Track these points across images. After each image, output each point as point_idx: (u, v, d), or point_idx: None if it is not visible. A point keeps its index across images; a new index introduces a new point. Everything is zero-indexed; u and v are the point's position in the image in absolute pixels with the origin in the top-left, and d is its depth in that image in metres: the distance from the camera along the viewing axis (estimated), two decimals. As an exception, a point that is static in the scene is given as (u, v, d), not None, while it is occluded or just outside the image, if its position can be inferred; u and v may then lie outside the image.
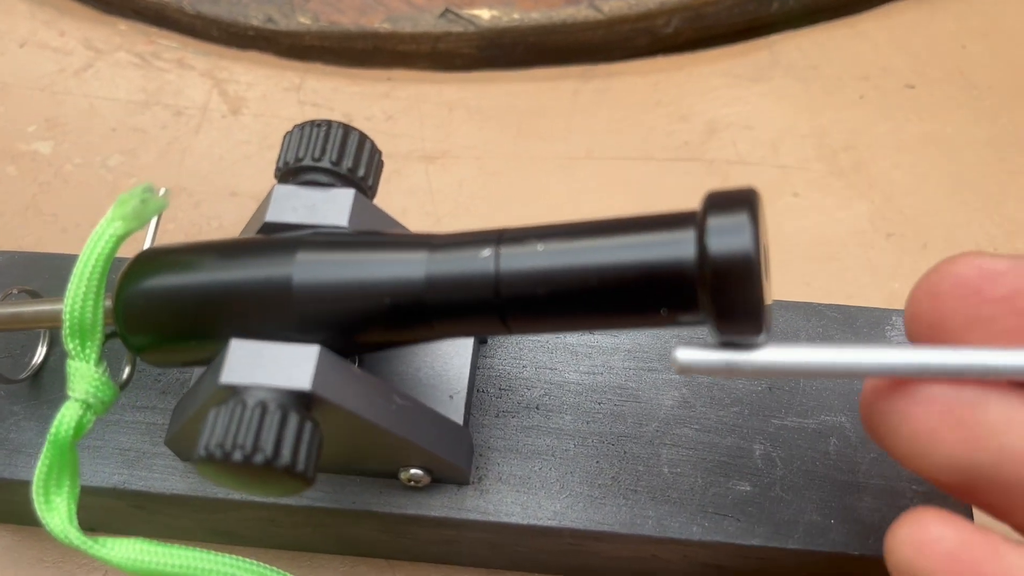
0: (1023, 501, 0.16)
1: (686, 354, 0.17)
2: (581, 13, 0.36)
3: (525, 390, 0.24)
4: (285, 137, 0.22)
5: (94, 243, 0.20)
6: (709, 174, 0.32)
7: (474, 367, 0.24)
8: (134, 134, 0.34)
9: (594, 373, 0.24)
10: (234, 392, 0.18)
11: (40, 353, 0.25)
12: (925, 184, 0.32)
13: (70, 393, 0.20)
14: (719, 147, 0.33)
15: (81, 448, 0.23)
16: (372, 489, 0.23)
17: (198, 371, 0.24)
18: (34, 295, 0.25)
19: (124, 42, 0.37)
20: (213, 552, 0.20)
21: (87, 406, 0.20)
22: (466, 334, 0.20)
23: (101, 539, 0.20)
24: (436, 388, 0.23)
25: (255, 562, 0.21)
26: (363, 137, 0.22)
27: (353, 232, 0.20)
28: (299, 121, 0.35)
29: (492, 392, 0.24)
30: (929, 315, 0.17)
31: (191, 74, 0.36)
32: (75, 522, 0.20)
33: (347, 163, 0.21)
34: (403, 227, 0.22)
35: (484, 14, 0.37)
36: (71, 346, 0.20)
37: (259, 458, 0.17)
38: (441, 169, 0.33)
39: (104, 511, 0.24)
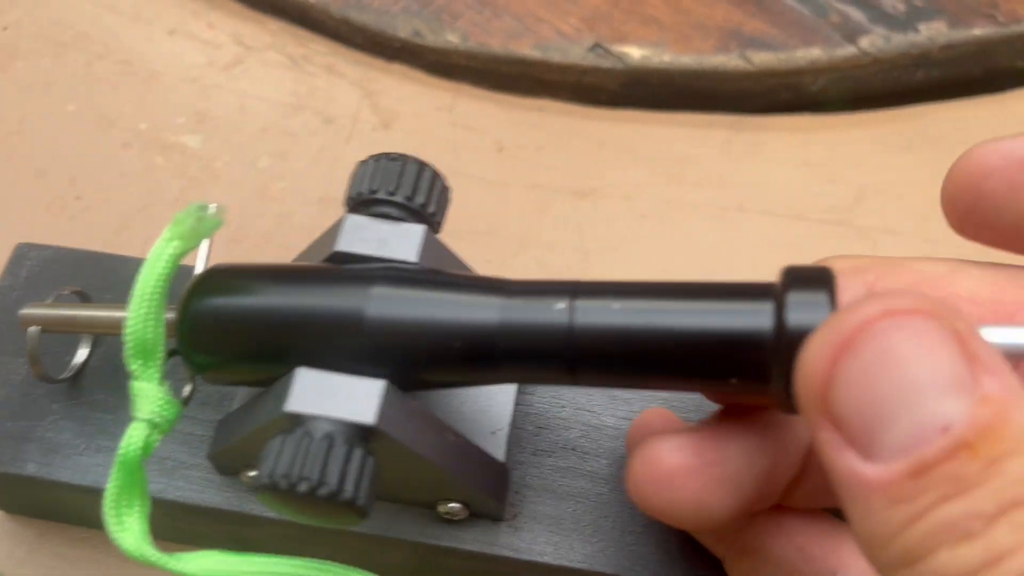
0: (778, 496, 0.19)
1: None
2: (732, 62, 0.37)
3: (563, 430, 0.24)
4: (358, 167, 0.22)
5: (153, 262, 0.20)
6: (859, 240, 0.32)
7: (516, 404, 0.24)
8: (285, 137, 0.34)
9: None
10: (299, 421, 0.19)
11: (82, 354, 0.25)
12: (1073, 273, 0.32)
13: (136, 414, 0.21)
14: (868, 214, 0.33)
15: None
16: (406, 517, 0.23)
17: (242, 389, 0.24)
18: (83, 296, 0.25)
19: (274, 41, 0.37)
20: (292, 557, 0.21)
21: (154, 425, 0.21)
22: (532, 382, 0.20)
23: (177, 554, 0.20)
24: (480, 423, 0.24)
25: (335, 564, 0.21)
26: (436, 174, 0.22)
27: (428, 270, 0.20)
28: (452, 142, 0.35)
29: (530, 430, 0.24)
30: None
31: (342, 82, 0.36)
32: (148, 539, 0.21)
33: (419, 199, 0.21)
34: (466, 265, 0.23)
35: (634, 52, 0.37)
36: (134, 366, 0.20)
37: (324, 491, 0.18)
38: (591, 206, 0.33)
39: None
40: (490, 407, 0.24)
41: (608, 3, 0.38)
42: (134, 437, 0.20)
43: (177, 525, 0.25)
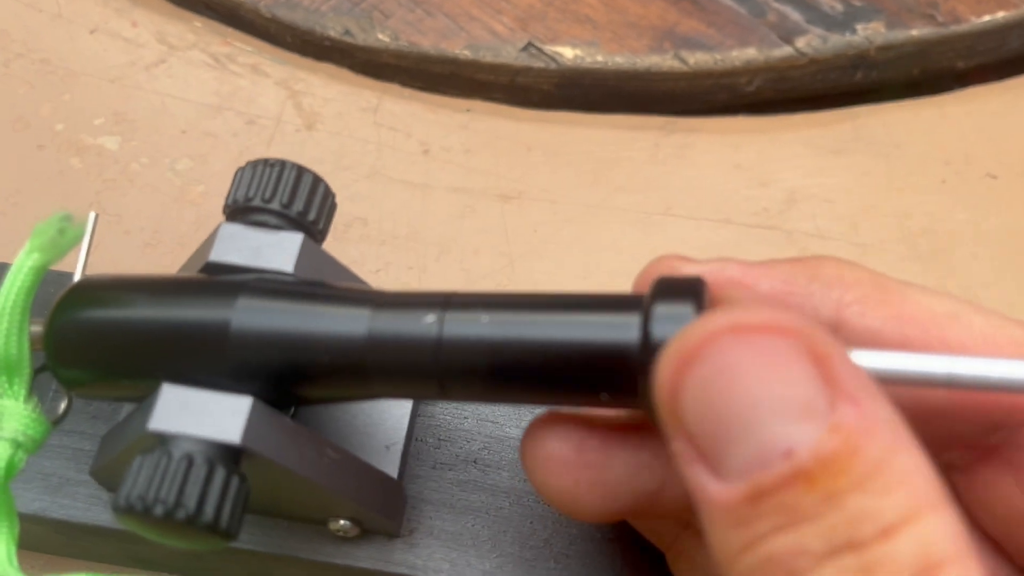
0: (669, 517, 0.19)
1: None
2: (666, 63, 0.36)
3: (464, 442, 0.24)
4: (236, 173, 0.21)
5: (13, 277, 0.19)
6: (788, 245, 0.32)
7: (414, 416, 0.24)
8: (205, 139, 0.33)
9: None
10: (161, 440, 0.18)
11: None
12: (1003, 278, 0.31)
13: None
14: (798, 218, 0.32)
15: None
16: (299, 535, 0.22)
17: (128, 404, 0.23)
18: None
19: (199, 40, 0.36)
20: None
21: (18, 445, 0.20)
22: (402, 396, 0.20)
23: None
24: (373, 437, 0.23)
25: None
26: (316, 180, 0.21)
27: (298, 281, 0.20)
28: (376, 143, 0.34)
29: (431, 442, 0.24)
30: None
31: (266, 82, 0.35)
32: (15, 562, 0.20)
33: (298, 206, 0.21)
34: (353, 274, 0.22)
35: (567, 52, 0.36)
36: None
37: (181, 514, 0.17)
38: (516, 210, 0.32)
39: (22, 532, 0.24)
40: (385, 421, 0.23)
41: (542, 1, 0.37)
42: None
43: (71, 542, 0.24)
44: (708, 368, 0.13)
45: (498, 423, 0.24)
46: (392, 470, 0.23)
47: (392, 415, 0.23)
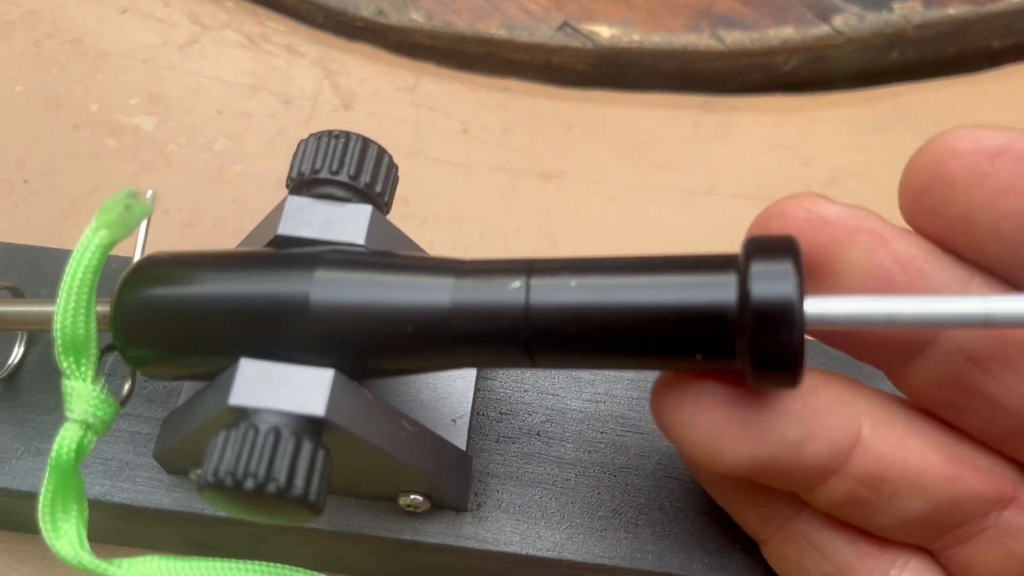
0: (800, 480, 0.18)
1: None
2: (703, 41, 0.36)
3: (526, 415, 0.24)
4: (300, 145, 0.21)
5: (80, 254, 0.19)
6: (831, 223, 0.32)
7: (476, 390, 0.23)
8: (241, 119, 0.33)
9: (596, 401, 0.24)
10: (243, 415, 0.18)
11: (17, 353, 0.24)
12: (1047, 256, 0.31)
13: (68, 414, 0.19)
14: (842, 196, 0.32)
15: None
16: (367, 512, 0.22)
17: (188, 384, 0.23)
18: (14, 292, 0.24)
19: (231, 20, 0.35)
20: (237, 561, 0.20)
21: (87, 426, 0.19)
22: (487, 365, 0.19)
23: (116, 560, 0.19)
24: (438, 411, 0.23)
25: (284, 566, 0.20)
26: (381, 151, 0.21)
27: (373, 252, 0.19)
28: (415, 122, 0.34)
29: (492, 416, 0.24)
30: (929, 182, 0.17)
31: (301, 62, 0.35)
32: (86, 546, 0.19)
33: (365, 178, 0.20)
34: (418, 247, 0.22)
35: (604, 31, 0.36)
36: (65, 364, 0.19)
37: (272, 488, 0.17)
38: (557, 189, 0.32)
39: None
40: (450, 394, 0.23)
41: (576, -19, 0.37)
42: (66, 439, 0.19)
43: (128, 529, 0.24)
44: None
45: (559, 395, 0.24)
46: (460, 443, 0.22)
47: (456, 388, 0.23)
